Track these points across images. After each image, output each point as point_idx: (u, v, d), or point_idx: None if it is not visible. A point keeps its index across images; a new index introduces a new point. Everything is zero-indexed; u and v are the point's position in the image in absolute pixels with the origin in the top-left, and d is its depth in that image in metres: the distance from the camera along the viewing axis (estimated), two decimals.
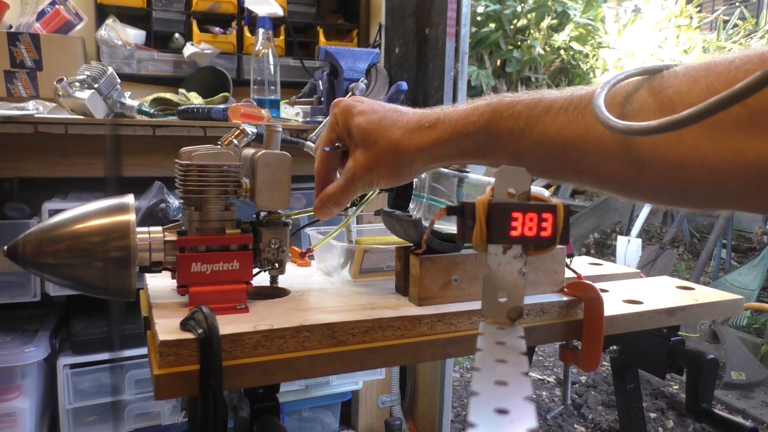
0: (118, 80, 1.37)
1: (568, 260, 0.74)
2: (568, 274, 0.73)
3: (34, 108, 1.35)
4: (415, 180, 0.68)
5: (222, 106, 1.40)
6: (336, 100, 0.64)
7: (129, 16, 1.91)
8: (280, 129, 0.67)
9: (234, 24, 1.97)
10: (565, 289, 0.70)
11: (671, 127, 0.39)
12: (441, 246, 0.65)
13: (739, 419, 0.78)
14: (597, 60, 5.78)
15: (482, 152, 0.55)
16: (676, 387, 2.54)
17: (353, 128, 0.60)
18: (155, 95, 1.53)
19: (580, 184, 0.55)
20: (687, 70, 0.45)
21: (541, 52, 5.30)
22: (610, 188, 0.52)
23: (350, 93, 1.45)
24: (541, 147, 0.51)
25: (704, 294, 0.80)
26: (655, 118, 0.40)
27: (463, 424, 2.18)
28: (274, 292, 0.68)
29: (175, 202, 1.33)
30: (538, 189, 0.77)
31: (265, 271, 0.67)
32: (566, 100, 0.51)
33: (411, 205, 0.69)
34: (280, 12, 1.77)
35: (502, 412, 0.26)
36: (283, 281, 0.70)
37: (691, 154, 0.43)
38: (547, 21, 5.34)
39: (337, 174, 0.66)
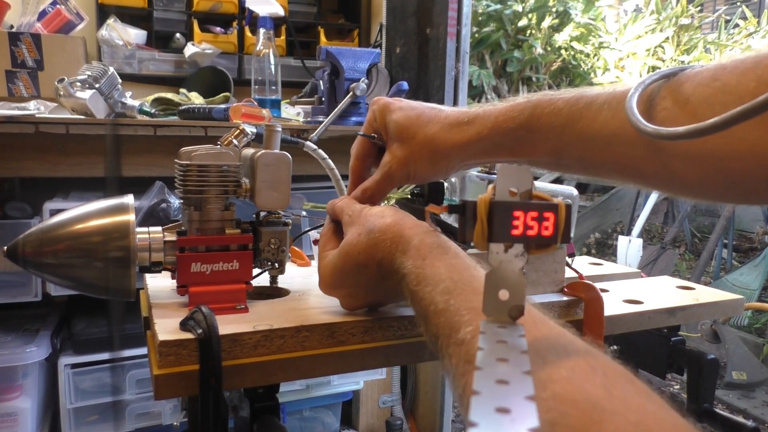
0: (119, 80, 1.38)
1: (569, 260, 0.73)
2: (569, 273, 0.73)
3: (35, 108, 1.35)
4: (446, 185, 0.67)
5: (223, 106, 1.40)
6: (376, 98, 0.64)
7: (130, 16, 1.91)
8: (280, 129, 0.67)
9: (235, 24, 1.97)
10: (566, 289, 0.70)
11: (697, 134, 0.39)
12: None
13: (740, 419, 0.78)
14: (598, 60, 5.78)
15: (521, 149, 0.55)
16: (677, 387, 2.54)
17: (391, 123, 0.60)
18: (156, 95, 1.53)
19: (623, 181, 0.55)
20: (735, 63, 0.45)
21: (542, 51, 5.30)
22: (654, 184, 0.52)
23: (351, 93, 1.45)
24: (584, 142, 0.51)
25: (705, 294, 0.80)
26: (706, 112, 0.39)
27: (464, 423, 2.18)
28: (274, 292, 0.68)
29: (176, 202, 1.33)
30: (545, 185, 0.78)
31: (265, 271, 0.67)
32: (609, 95, 0.51)
33: None
34: (281, 12, 1.77)
35: (503, 411, 0.26)
36: (283, 281, 0.70)
37: (741, 146, 0.43)
38: (548, 21, 5.34)
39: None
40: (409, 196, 0.70)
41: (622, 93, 0.49)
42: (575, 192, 0.77)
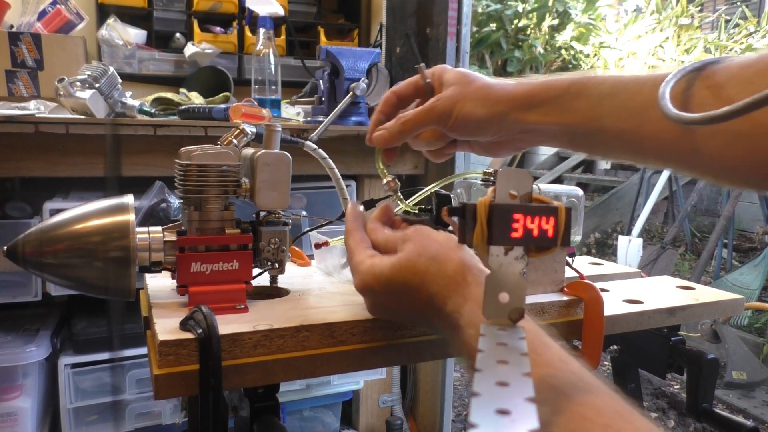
0: (119, 80, 1.38)
1: (569, 259, 0.73)
2: (569, 273, 0.73)
3: (35, 108, 1.35)
4: (453, 197, 0.68)
5: (223, 105, 1.40)
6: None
7: (130, 16, 1.91)
8: (280, 128, 0.67)
9: (235, 24, 1.97)
10: (566, 289, 0.70)
11: (710, 121, 0.41)
12: None
13: (739, 419, 0.78)
14: (598, 59, 5.78)
15: (565, 111, 0.57)
16: (677, 387, 2.54)
17: (450, 73, 0.63)
18: (156, 95, 1.53)
19: (661, 163, 0.56)
20: None
21: (542, 51, 5.30)
22: (689, 166, 0.53)
23: (351, 92, 1.45)
24: (626, 112, 0.53)
25: (705, 293, 0.80)
26: (743, 94, 0.40)
27: (464, 423, 2.18)
28: (274, 291, 0.68)
29: (176, 201, 1.33)
30: (551, 187, 0.77)
31: (265, 271, 0.67)
32: (654, 75, 0.52)
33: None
34: (281, 12, 1.77)
35: (503, 412, 0.26)
36: (283, 281, 0.70)
37: None
38: (548, 21, 5.34)
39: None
40: (417, 211, 0.70)
41: (666, 74, 0.51)
42: (581, 192, 0.77)
